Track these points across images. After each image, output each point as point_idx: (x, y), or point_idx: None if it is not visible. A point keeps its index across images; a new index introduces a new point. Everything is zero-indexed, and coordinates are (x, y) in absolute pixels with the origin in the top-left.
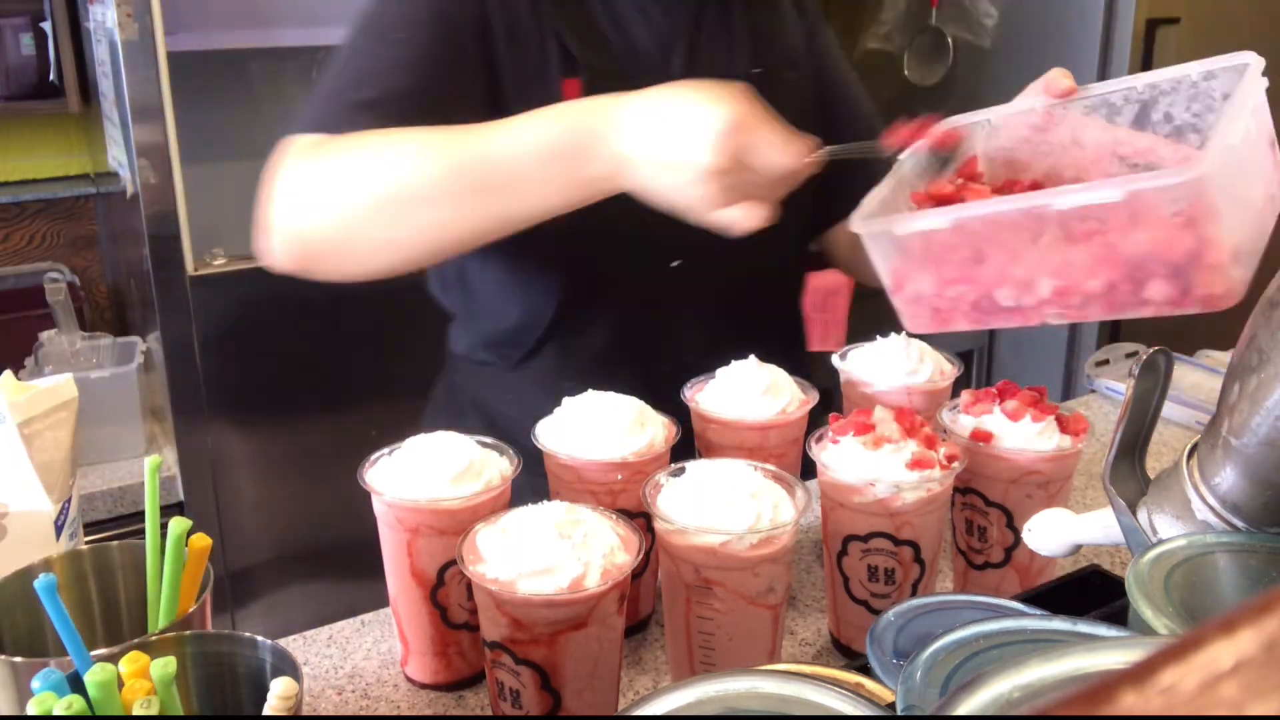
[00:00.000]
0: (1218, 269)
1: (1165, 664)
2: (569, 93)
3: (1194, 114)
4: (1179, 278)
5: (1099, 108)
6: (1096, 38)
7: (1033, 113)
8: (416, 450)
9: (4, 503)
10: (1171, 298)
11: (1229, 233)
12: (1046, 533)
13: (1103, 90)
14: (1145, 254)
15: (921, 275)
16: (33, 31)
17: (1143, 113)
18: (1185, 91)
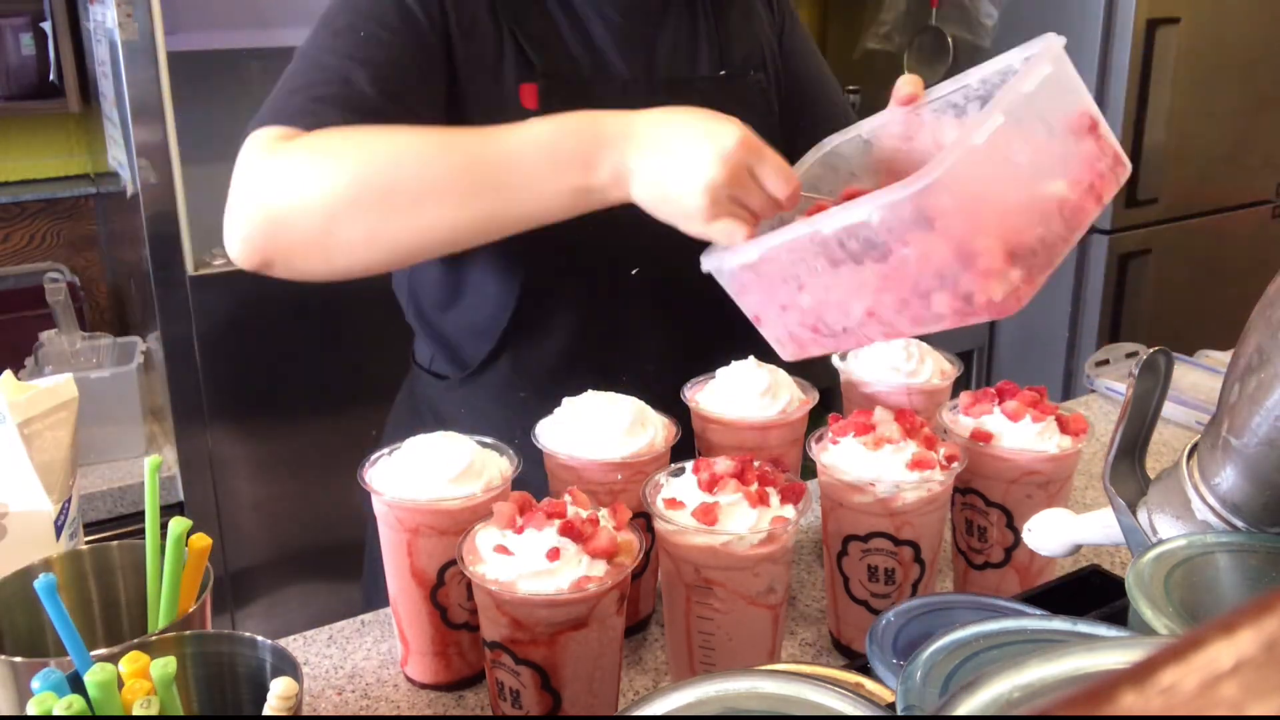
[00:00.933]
0: (992, 274)
1: (1165, 664)
2: (526, 97)
3: None
4: (955, 288)
5: (945, 110)
6: (1096, 38)
7: (893, 123)
8: (416, 450)
9: (4, 503)
10: (956, 308)
11: (991, 238)
12: (1046, 533)
13: (943, 92)
14: (918, 269)
15: (768, 306)
16: (33, 31)
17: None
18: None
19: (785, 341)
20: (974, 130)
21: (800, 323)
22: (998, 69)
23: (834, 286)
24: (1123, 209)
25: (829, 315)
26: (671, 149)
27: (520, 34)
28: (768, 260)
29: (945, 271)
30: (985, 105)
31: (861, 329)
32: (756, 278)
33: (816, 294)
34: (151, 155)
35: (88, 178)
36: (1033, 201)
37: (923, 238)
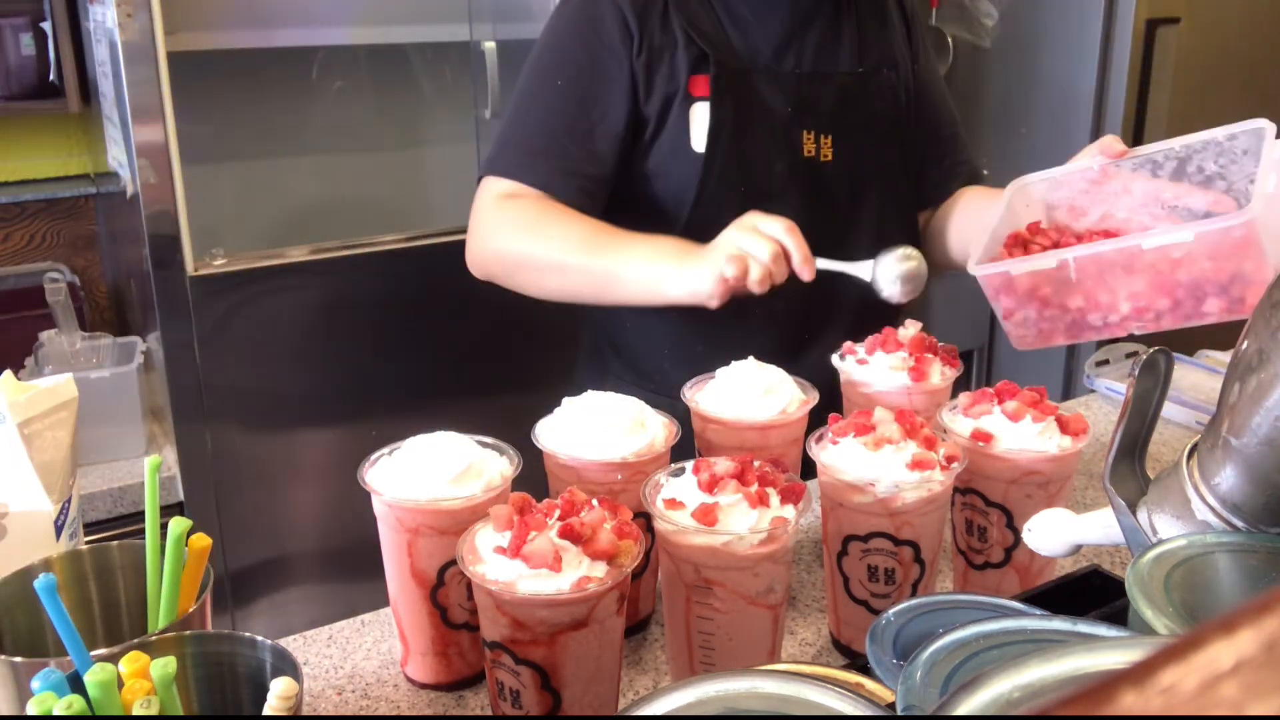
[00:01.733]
0: (1264, 285)
1: (1165, 664)
2: (696, 86)
3: (1220, 166)
4: (1228, 294)
5: (1144, 164)
6: (1096, 38)
7: (1090, 170)
8: (416, 450)
9: (4, 503)
10: (1224, 308)
11: (1271, 257)
12: (1046, 533)
13: (1147, 151)
14: (1204, 278)
15: (1028, 305)
16: (33, 31)
17: (1180, 167)
18: (1213, 149)
19: (1030, 334)
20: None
21: (1057, 318)
22: (1202, 139)
23: (1109, 290)
24: None
25: (1092, 314)
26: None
27: (694, 33)
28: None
29: (1227, 282)
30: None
31: (1123, 324)
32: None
33: (1088, 296)
34: (151, 155)
35: (88, 178)
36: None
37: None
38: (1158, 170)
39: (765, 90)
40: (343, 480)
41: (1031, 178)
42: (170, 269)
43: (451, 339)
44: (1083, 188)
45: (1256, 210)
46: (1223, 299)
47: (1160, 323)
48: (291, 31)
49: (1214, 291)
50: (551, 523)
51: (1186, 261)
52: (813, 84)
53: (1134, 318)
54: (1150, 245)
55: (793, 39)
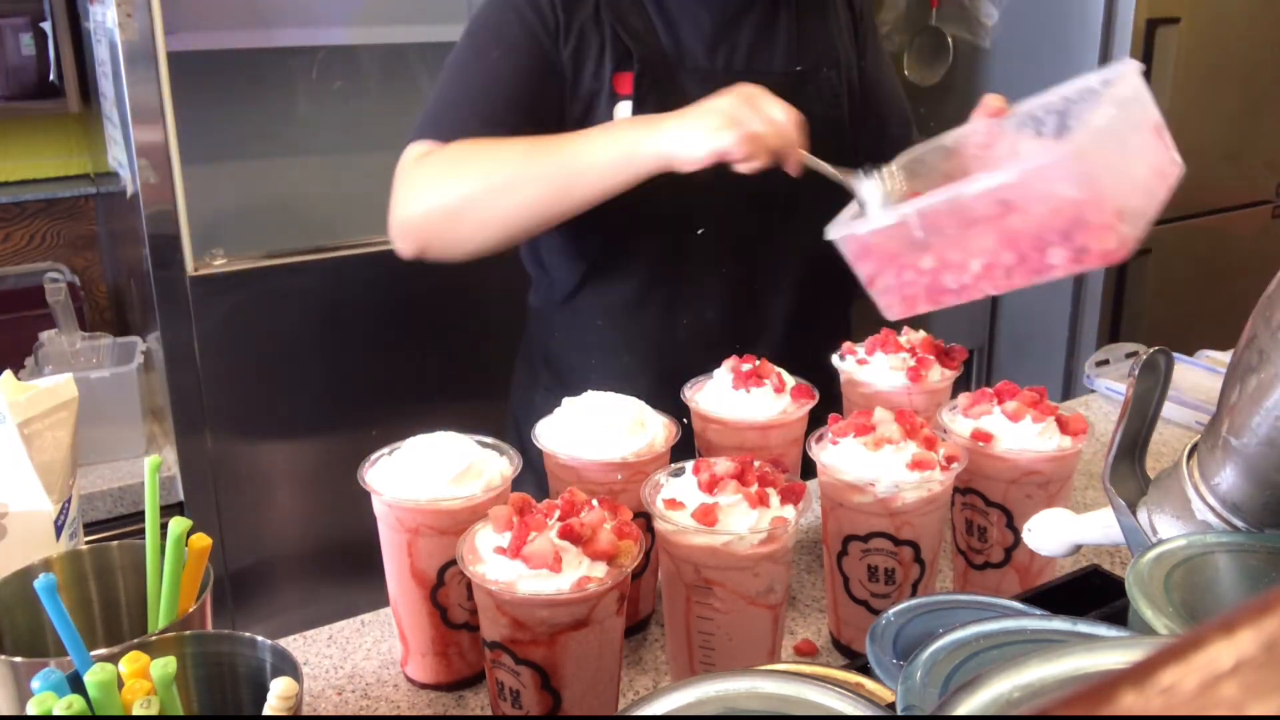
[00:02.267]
0: (1108, 228)
1: (1165, 664)
2: (620, 84)
3: None
4: (1072, 241)
5: (1027, 121)
6: (1096, 38)
7: (975, 133)
8: (416, 450)
9: (4, 503)
10: (1070, 258)
11: (1110, 197)
12: (1046, 533)
13: (1027, 107)
14: (1044, 225)
15: (885, 269)
16: (33, 31)
17: (1061, 121)
18: (1090, 99)
19: (897, 302)
20: (1096, 116)
21: (917, 282)
22: (1078, 88)
23: (957, 246)
24: None
25: (948, 275)
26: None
27: (621, 29)
28: (902, 225)
29: (1066, 228)
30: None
31: (976, 284)
32: (882, 242)
33: (939, 255)
34: (151, 155)
35: (88, 178)
36: (1135, 176)
37: (1054, 199)
38: (1040, 127)
39: (692, 89)
40: (343, 480)
41: (919, 148)
42: (170, 269)
43: (452, 339)
44: (974, 153)
45: (1082, 141)
46: (1066, 248)
47: (1012, 280)
48: (291, 31)
49: (1056, 240)
50: (551, 523)
51: (1022, 208)
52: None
53: (985, 276)
54: (974, 191)
55: (724, 36)
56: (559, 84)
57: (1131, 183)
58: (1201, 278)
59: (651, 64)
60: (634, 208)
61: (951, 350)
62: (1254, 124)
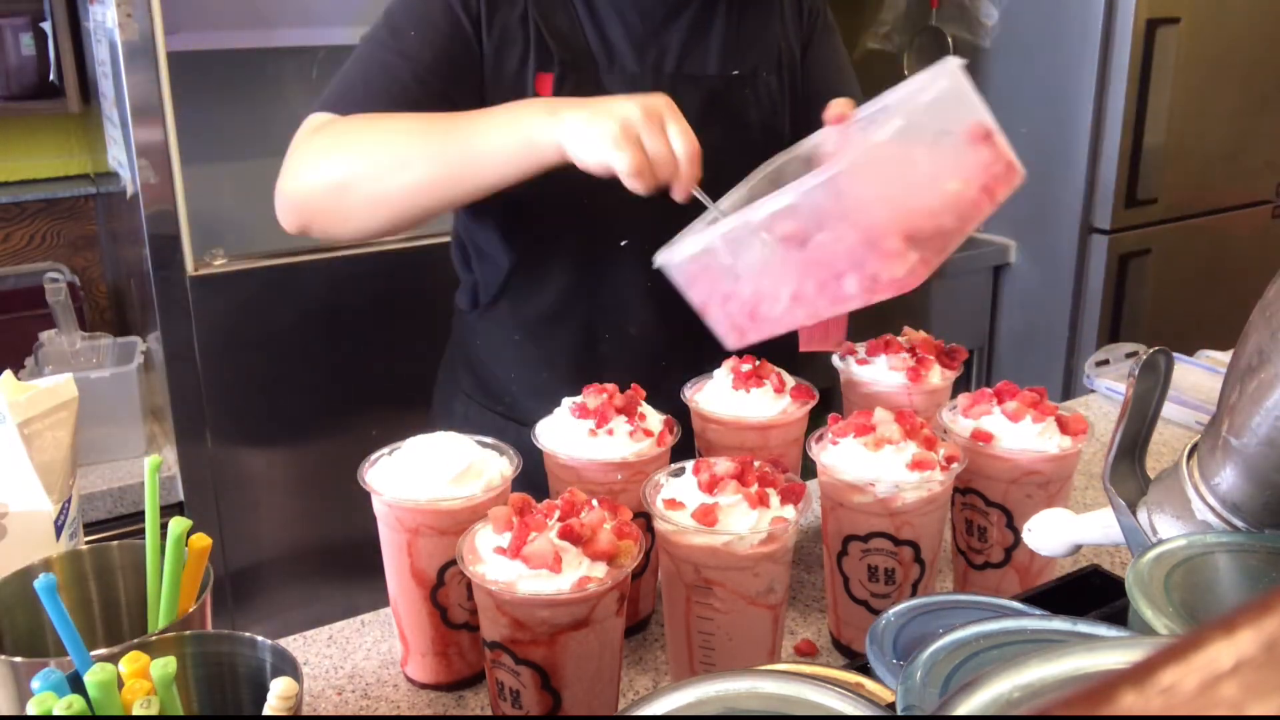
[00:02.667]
0: (894, 255)
1: (1165, 664)
2: (541, 85)
3: None
4: (864, 268)
5: (868, 126)
6: (1096, 38)
7: (827, 141)
8: (416, 450)
9: (4, 503)
10: (865, 286)
11: (892, 221)
12: (1046, 533)
13: (868, 110)
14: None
15: (712, 297)
16: (33, 31)
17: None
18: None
19: (728, 331)
20: (879, 130)
21: (740, 311)
22: (914, 88)
23: (765, 274)
24: (1123, 209)
25: (764, 304)
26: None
27: (545, 28)
28: (709, 252)
29: (854, 255)
30: None
31: (790, 313)
32: (702, 270)
33: (752, 283)
34: (151, 155)
35: (88, 178)
36: (930, 195)
37: (836, 223)
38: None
39: (615, 93)
40: (343, 480)
41: (780, 158)
42: (170, 269)
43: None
44: None
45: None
46: (859, 275)
47: (818, 309)
48: (291, 31)
49: (847, 268)
50: (551, 523)
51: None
52: (674, 87)
53: (795, 304)
54: (759, 217)
55: (654, 37)
56: (477, 74)
57: (925, 202)
58: (1201, 278)
59: (575, 66)
60: (552, 216)
61: (951, 350)
62: (1254, 124)
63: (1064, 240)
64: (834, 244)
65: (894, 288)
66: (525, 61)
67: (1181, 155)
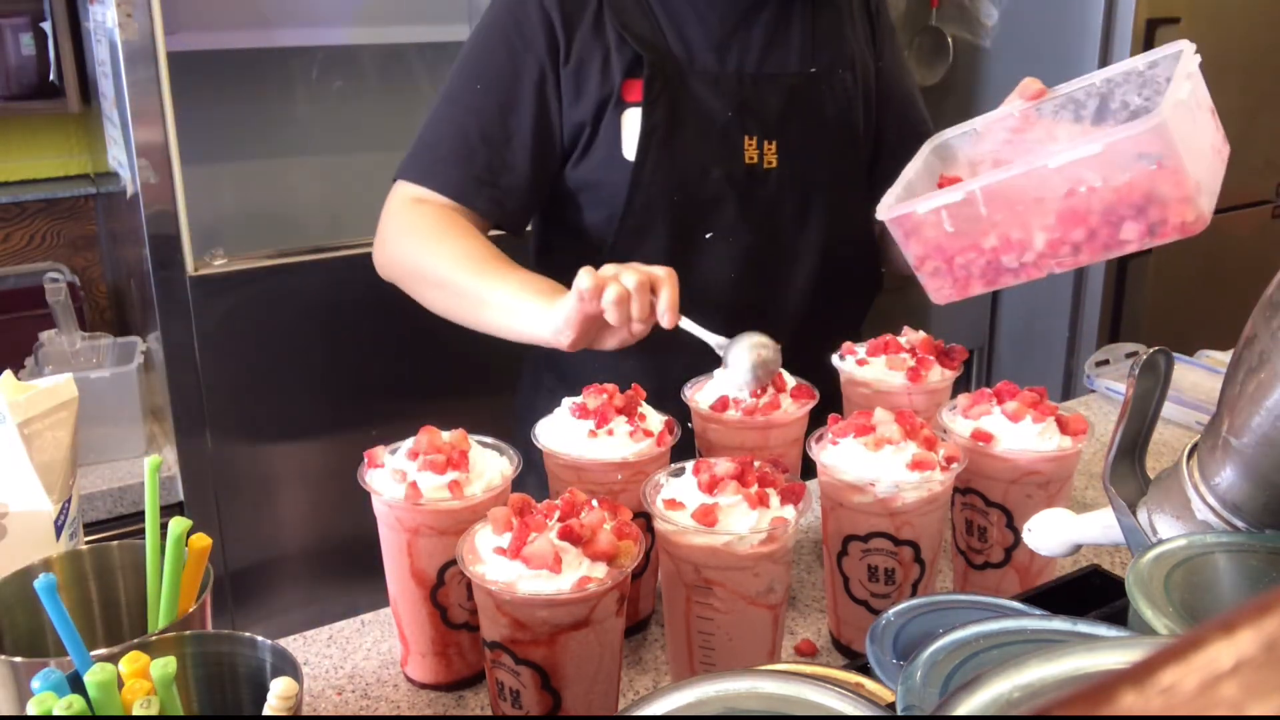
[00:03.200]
0: (1187, 200)
1: (1165, 664)
2: (628, 91)
3: (1145, 98)
4: (1146, 215)
5: (1066, 105)
6: (1096, 38)
7: (1010, 117)
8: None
9: (4, 503)
10: (1144, 232)
11: (1190, 170)
12: (1046, 533)
13: (1068, 89)
14: (1118, 199)
15: (940, 250)
16: (33, 31)
17: (1103, 104)
18: (1135, 81)
19: (945, 286)
20: (1176, 90)
21: (973, 264)
22: (1122, 70)
23: (1023, 225)
24: None
25: (1007, 254)
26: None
27: (627, 34)
28: (966, 203)
29: (1142, 202)
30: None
31: (1040, 263)
32: (943, 221)
33: (1001, 233)
34: (151, 155)
35: (88, 178)
36: (1205, 148)
37: (1138, 171)
38: (1080, 110)
39: (703, 93)
40: (343, 480)
41: (949, 133)
42: (170, 269)
43: (452, 339)
44: (1005, 138)
45: (1166, 113)
46: (1140, 222)
47: (1079, 257)
48: (291, 31)
49: (1130, 214)
50: (551, 524)
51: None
52: (757, 86)
53: (1050, 254)
54: (1057, 163)
55: (735, 37)
56: (553, 100)
57: (1204, 158)
58: (1201, 278)
59: (661, 68)
60: (643, 212)
61: (951, 350)
62: (1254, 124)
63: None
64: (1124, 192)
65: (1180, 231)
66: (608, 70)
67: None
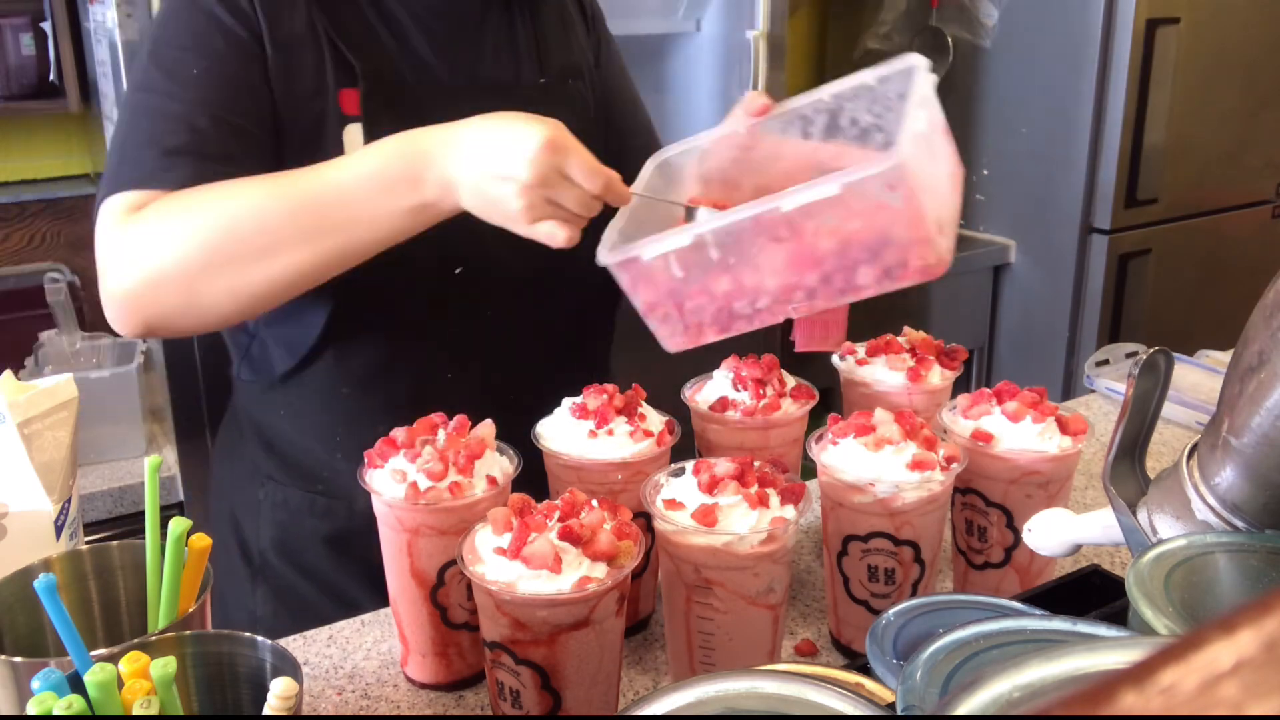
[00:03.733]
0: (927, 242)
1: (1165, 664)
2: (346, 103)
3: (875, 115)
4: (881, 258)
5: (794, 121)
6: (1096, 38)
7: (736, 134)
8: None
9: (4, 503)
10: (879, 276)
11: (931, 211)
12: (1046, 533)
13: (795, 105)
14: (852, 242)
15: (669, 297)
16: (33, 31)
17: (832, 121)
18: (865, 97)
19: (676, 334)
20: (913, 122)
21: (704, 310)
22: (852, 85)
23: (762, 267)
24: (1123, 209)
25: (739, 301)
26: (486, 156)
27: (339, 40)
28: (696, 247)
29: (876, 244)
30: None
31: (772, 309)
32: (665, 267)
33: (740, 277)
34: None
35: (88, 178)
36: (944, 181)
37: (876, 212)
38: (809, 127)
39: (430, 108)
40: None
41: (672, 149)
42: None
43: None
44: (733, 155)
45: (906, 151)
46: (875, 266)
47: (814, 301)
48: None
49: (864, 257)
50: (551, 524)
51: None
52: (490, 99)
53: (783, 299)
54: (791, 206)
55: (462, 47)
56: (267, 96)
57: (942, 191)
58: (1201, 278)
59: (381, 80)
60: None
61: (951, 350)
62: (1254, 124)
63: (1064, 240)
64: (859, 234)
65: (922, 275)
66: (322, 76)
67: (1181, 155)
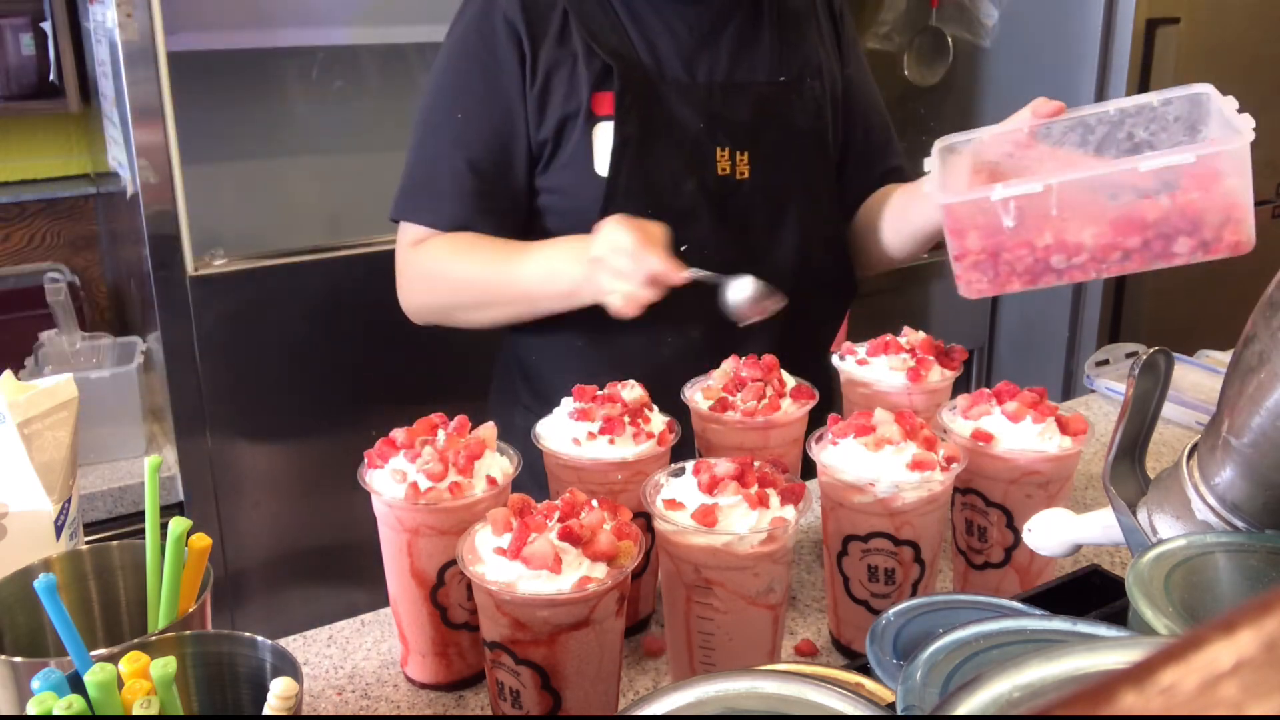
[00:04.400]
0: (1244, 222)
1: (1165, 664)
2: (599, 105)
3: (1150, 133)
4: (1199, 232)
5: (1075, 128)
6: (1096, 38)
7: (1018, 131)
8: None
9: (4, 503)
10: (1194, 247)
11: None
12: (1046, 533)
13: (1081, 113)
14: (1181, 213)
15: (988, 244)
16: (33, 31)
17: (1110, 133)
18: (1146, 115)
19: (982, 280)
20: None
21: (1021, 260)
22: (1137, 103)
23: (1083, 227)
24: None
25: (1058, 255)
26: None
27: (596, 46)
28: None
29: (1198, 218)
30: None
31: (1085, 267)
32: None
33: (1059, 234)
34: (151, 155)
35: (88, 178)
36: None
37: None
38: (1088, 135)
39: (675, 105)
40: (343, 480)
41: (957, 137)
42: (170, 269)
43: (452, 339)
44: (1007, 150)
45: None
46: (1193, 238)
47: (1126, 264)
48: (291, 31)
49: (1186, 229)
50: (551, 524)
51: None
52: (727, 96)
53: (1099, 258)
54: (1147, 167)
55: (705, 48)
56: (523, 127)
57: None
58: (1201, 278)
59: (632, 80)
60: None
61: (951, 350)
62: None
63: None
64: (1188, 207)
65: (1231, 250)
66: (576, 84)
67: None
